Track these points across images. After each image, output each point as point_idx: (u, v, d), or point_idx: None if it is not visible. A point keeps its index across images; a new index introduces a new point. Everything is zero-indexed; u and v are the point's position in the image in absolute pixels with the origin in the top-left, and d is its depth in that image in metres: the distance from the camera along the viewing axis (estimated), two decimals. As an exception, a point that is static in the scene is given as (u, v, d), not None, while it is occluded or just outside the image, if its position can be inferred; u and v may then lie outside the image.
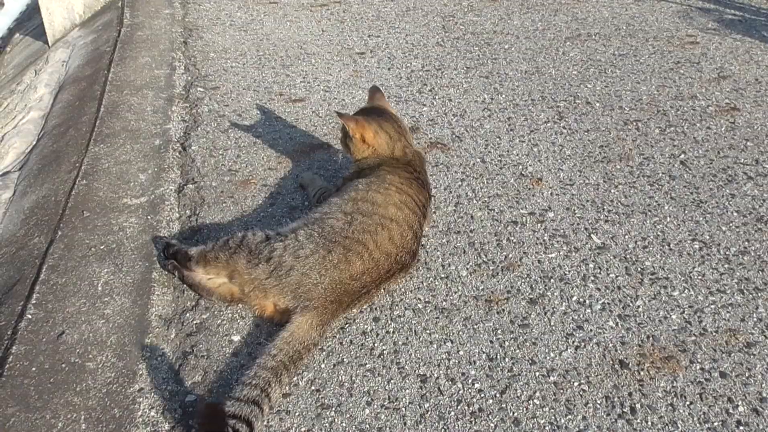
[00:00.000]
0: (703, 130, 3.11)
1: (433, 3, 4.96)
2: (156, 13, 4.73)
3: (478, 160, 2.89)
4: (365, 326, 2.01)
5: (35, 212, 2.57)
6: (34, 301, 2.02)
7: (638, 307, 2.09)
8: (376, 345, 1.95)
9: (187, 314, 2.05)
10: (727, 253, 2.32)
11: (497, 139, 3.05)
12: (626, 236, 2.41)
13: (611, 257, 2.30)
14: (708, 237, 2.40)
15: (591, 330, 2.00)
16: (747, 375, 1.85)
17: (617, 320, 2.03)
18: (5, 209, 2.77)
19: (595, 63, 3.87)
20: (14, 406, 1.70)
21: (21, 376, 1.78)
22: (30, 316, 1.97)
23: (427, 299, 2.11)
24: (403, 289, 2.15)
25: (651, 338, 1.97)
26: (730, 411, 1.75)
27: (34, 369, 1.80)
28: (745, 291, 2.15)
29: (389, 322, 2.03)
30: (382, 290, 2.10)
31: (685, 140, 3.02)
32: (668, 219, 2.50)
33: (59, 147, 3.08)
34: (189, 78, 3.71)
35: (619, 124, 3.18)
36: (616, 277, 2.21)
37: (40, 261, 2.22)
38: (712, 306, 2.09)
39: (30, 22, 5.69)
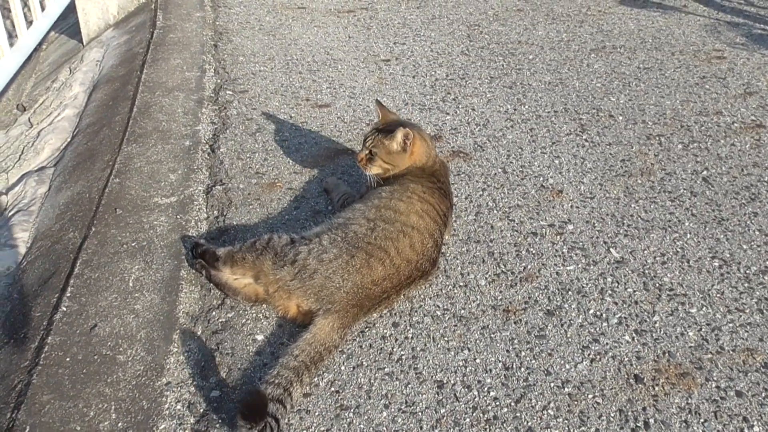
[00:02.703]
0: (727, 146, 3.12)
1: (458, 12, 5.00)
2: (188, 16, 4.82)
3: (500, 170, 2.92)
4: (385, 331, 2.06)
5: (70, 208, 2.65)
6: (68, 294, 2.10)
7: (655, 322, 2.11)
8: (394, 350, 1.99)
9: (213, 312, 2.11)
10: (747, 272, 2.33)
11: (519, 150, 3.08)
12: (645, 251, 2.43)
13: (629, 272, 2.32)
14: (728, 255, 2.41)
15: (607, 343, 2.02)
16: (764, 395, 1.87)
17: (633, 335, 2.06)
18: (41, 204, 2.86)
19: (619, 76, 3.88)
20: (49, 393, 1.77)
21: (56, 366, 1.85)
22: (65, 309, 2.04)
23: (445, 307, 2.16)
24: (422, 296, 2.19)
25: (667, 354, 1.99)
26: (745, 431, 1.77)
27: (68, 359, 1.87)
28: (764, 311, 2.16)
29: (408, 327, 2.07)
30: (402, 296, 2.14)
31: (709, 156, 3.03)
32: (688, 235, 2.51)
33: (93, 145, 3.16)
34: (219, 81, 3.79)
35: (641, 139, 3.19)
36: (634, 291, 2.23)
37: (74, 256, 2.29)
38: (730, 324, 2.11)
39: (65, 21, 5.79)
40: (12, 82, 4.54)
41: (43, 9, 5.15)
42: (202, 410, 1.80)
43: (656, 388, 1.87)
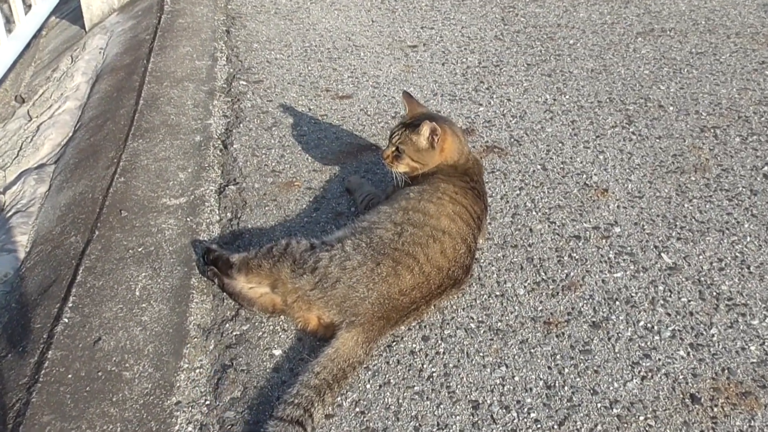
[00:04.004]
0: (788, 140, 3.07)
1: (492, -8, 4.96)
2: (198, -2, 4.83)
3: (539, 167, 2.88)
4: (414, 345, 2.03)
5: (72, 209, 2.66)
6: (70, 305, 2.10)
7: (713, 335, 2.06)
8: (425, 366, 1.97)
9: (227, 324, 2.10)
10: (813, 278, 2.29)
11: (559, 145, 3.04)
12: (700, 256, 2.38)
13: (683, 279, 2.28)
14: (792, 260, 2.37)
15: (659, 359, 1.98)
16: (832, 416, 1.83)
17: (689, 349, 2.01)
18: (41, 204, 2.87)
19: (669, 62, 3.82)
20: (50, 414, 1.77)
21: (57, 383, 1.85)
22: (66, 320, 2.04)
23: (480, 319, 2.13)
24: (454, 307, 2.17)
25: (726, 371, 1.95)
26: (812, 455, 1.73)
27: (70, 376, 1.87)
28: (832, 322, 2.12)
29: (439, 342, 2.04)
30: (433, 307, 2.12)
31: (769, 151, 2.99)
32: (748, 239, 2.46)
33: (96, 141, 3.18)
34: (231, 70, 3.78)
35: (695, 131, 3.14)
36: (689, 301, 2.19)
37: (76, 262, 2.29)
38: (795, 337, 2.06)
39: (66, 5, 5.84)
40: (10, 72, 4.57)
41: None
42: (215, 432, 1.79)
43: (715, 409, 1.83)
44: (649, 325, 2.10)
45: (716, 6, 4.62)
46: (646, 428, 1.79)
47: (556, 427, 1.79)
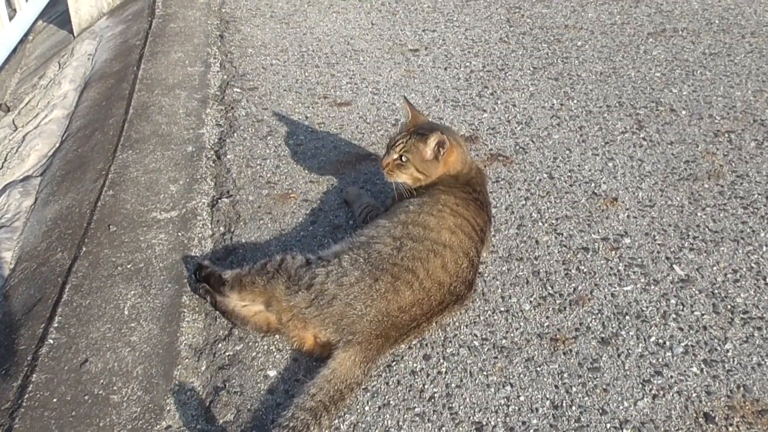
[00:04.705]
0: (806, 144, 3.07)
1: (497, -8, 4.98)
2: (190, 2, 4.86)
3: (545, 175, 2.89)
4: (414, 365, 2.03)
5: (58, 224, 2.67)
6: (56, 325, 2.11)
7: (727, 351, 2.06)
8: (426, 386, 1.97)
9: (220, 344, 2.11)
10: (832, 290, 2.29)
11: (567, 152, 3.05)
12: (714, 268, 2.38)
13: (696, 292, 2.28)
14: (810, 271, 2.37)
15: (671, 376, 1.98)
16: None
17: (702, 366, 2.01)
18: (26, 219, 2.89)
19: (681, 63, 3.83)
20: (33, 441, 1.77)
21: (41, 408, 1.85)
22: (52, 341, 2.05)
23: (484, 336, 2.13)
24: (457, 324, 2.17)
25: (742, 388, 1.94)
26: (832, 477, 1.73)
27: (55, 400, 1.88)
28: None
29: (441, 360, 2.05)
30: (434, 324, 2.12)
31: (786, 156, 2.99)
32: (764, 248, 2.46)
33: (84, 152, 3.19)
34: (225, 77, 3.80)
35: (708, 136, 3.14)
36: (702, 315, 2.19)
37: (62, 279, 2.30)
38: (814, 353, 2.06)
39: (54, 8, 5.88)
40: (-5, 81, 4.61)
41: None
42: (206, 457, 1.79)
43: (730, 429, 1.83)
44: (660, 340, 2.10)
45: (731, 4, 4.63)
46: (658, 450, 1.79)
47: (563, 449, 1.80)
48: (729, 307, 2.22)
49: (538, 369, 2.01)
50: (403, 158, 2.34)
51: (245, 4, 4.86)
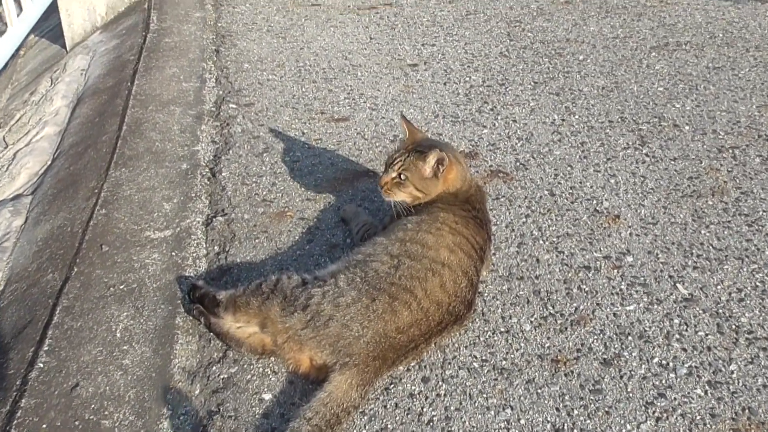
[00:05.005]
0: (812, 160, 3.08)
1: (496, 6, 5.01)
2: (186, 16, 4.89)
3: (546, 192, 2.90)
4: (413, 387, 2.03)
5: (49, 244, 2.68)
6: (46, 348, 2.11)
7: (732, 372, 2.06)
8: (424, 410, 1.97)
9: (214, 367, 2.11)
10: (839, 309, 2.29)
11: (568, 168, 3.06)
12: (718, 287, 2.38)
13: (700, 311, 2.28)
14: (816, 290, 2.37)
15: (675, 398, 1.98)
16: None
17: (707, 387, 2.01)
18: (16, 239, 2.89)
19: (684, 78, 3.85)
20: (22, 468, 1.77)
21: (30, 434, 1.86)
22: (42, 365, 2.05)
23: (484, 357, 2.13)
24: (456, 345, 2.17)
25: (747, 410, 1.94)
26: (840, 502, 1.72)
27: (44, 426, 1.88)
28: None
29: (440, 383, 2.05)
30: (433, 345, 2.12)
31: (791, 172, 3.00)
32: (769, 267, 2.48)
33: (76, 170, 3.20)
34: (220, 92, 3.82)
35: (712, 152, 3.15)
36: (706, 335, 2.19)
37: (53, 301, 2.31)
38: (820, 374, 2.06)
39: (46, 22, 5.92)
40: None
41: (20, 11, 5.24)
42: (200, 483, 1.79)
43: (736, 454, 1.83)
44: (663, 361, 2.10)
45: (734, 17, 4.66)
46: (662, 474, 1.79)
47: (564, 474, 1.80)
48: (733, 327, 2.22)
49: (539, 391, 2.01)
50: (402, 176, 2.35)
51: (241, 18, 4.90)
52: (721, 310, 2.28)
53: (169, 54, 4.29)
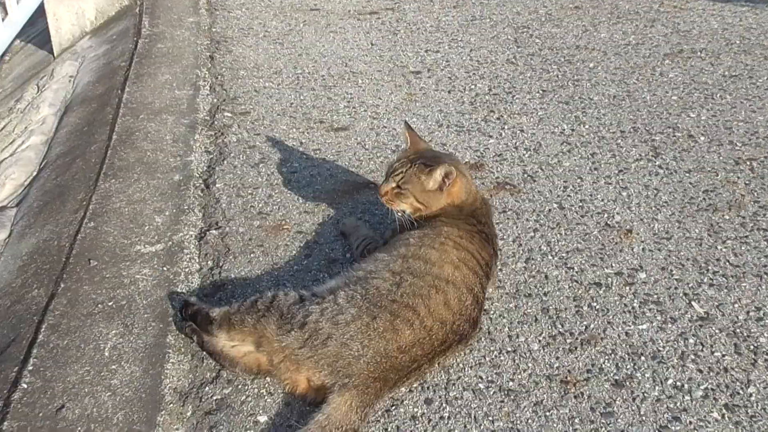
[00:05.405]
0: (833, 172, 3.09)
1: (503, 11, 5.04)
2: (179, 21, 4.91)
3: (555, 205, 2.91)
4: (415, 410, 2.03)
5: (35, 259, 2.68)
6: (30, 367, 2.11)
7: (750, 395, 2.06)
8: (427, 433, 1.97)
9: (207, 388, 2.11)
10: None
11: (578, 180, 3.07)
12: (736, 305, 2.39)
13: (716, 331, 2.28)
14: (838, 308, 2.37)
15: (690, 422, 1.98)
16: None
17: (723, 411, 2.01)
18: (0, 253, 2.90)
19: (700, 86, 3.86)
20: (4, 495, 1.77)
21: (13, 460, 1.86)
22: (26, 386, 2.05)
23: (489, 378, 2.13)
24: (461, 365, 2.17)
25: (765, 435, 1.95)
26: None
27: (28, 450, 1.88)
28: None
29: (444, 405, 2.05)
30: (436, 365, 2.12)
31: (811, 185, 3.01)
32: (788, 284, 2.48)
33: (64, 181, 3.21)
34: (215, 100, 3.84)
35: (728, 164, 3.16)
36: (723, 356, 2.19)
37: (39, 318, 2.31)
38: (843, 396, 2.06)
39: (33, 27, 5.94)
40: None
41: (5, 15, 5.26)
42: None
43: (754, 481, 1.83)
44: (678, 383, 2.10)
45: (752, 23, 4.68)
46: (676, 502, 1.79)
47: (574, 501, 1.79)
48: (752, 347, 2.22)
49: (548, 414, 2.01)
50: (403, 188, 2.36)
51: (237, 23, 4.92)
52: (738, 330, 2.29)
53: (161, 60, 4.31)
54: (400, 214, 2.39)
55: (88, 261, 2.57)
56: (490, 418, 2.00)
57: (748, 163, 3.17)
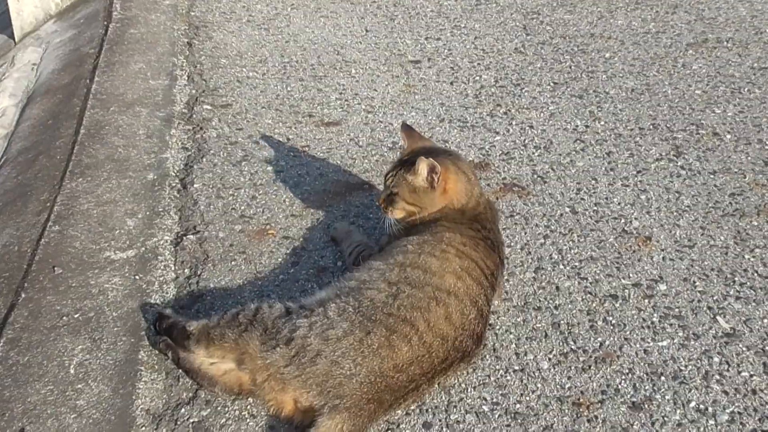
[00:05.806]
0: None
1: (511, -5, 5.05)
2: (154, 4, 4.91)
3: (567, 209, 2.91)
4: (413, 434, 2.04)
5: (-7, 266, 2.68)
6: (-13, 386, 2.11)
7: (780, 419, 2.07)
8: (426, 460, 1.97)
9: (183, 409, 2.10)
10: None
11: (593, 182, 3.07)
12: (765, 320, 2.39)
13: (744, 349, 2.29)
14: None
15: (715, 449, 1.99)
16: None
17: (751, 437, 2.02)
18: (-44, 259, 2.89)
19: (726, 79, 3.87)
20: None
21: (-32, 489, 1.85)
22: (-18, 406, 2.05)
23: (495, 400, 2.13)
24: (463, 385, 2.17)
25: (796, 464, 1.95)
26: None
27: (-16, 478, 1.87)
28: None
29: (444, 429, 2.04)
30: (436, 386, 2.12)
31: None
32: (823, 298, 2.48)
33: (26, 180, 3.20)
34: (193, 91, 3.83)
35: (757, 164, 3.17)
36: (751, 376, 2.19)
37: (-4, 332, 2.30)
38: None
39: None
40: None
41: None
42: None
43: None
44: (702, 406, 2.10)
45: (783, 10, 4.69)
46: None
47: None
48: (783, 366, 2.23)
49: (559, 440, 2.02)
50: (393, 192, 2.38)
51: (218, 6, 4.92)
52: (767, 348, 2.29)
53: (134, 47, 4.30)
54: (395, 221, 2.40)
55: (52, 268, 2.56)
56: (495, 444, 2.01)
57: (779, 163, 3.18)
